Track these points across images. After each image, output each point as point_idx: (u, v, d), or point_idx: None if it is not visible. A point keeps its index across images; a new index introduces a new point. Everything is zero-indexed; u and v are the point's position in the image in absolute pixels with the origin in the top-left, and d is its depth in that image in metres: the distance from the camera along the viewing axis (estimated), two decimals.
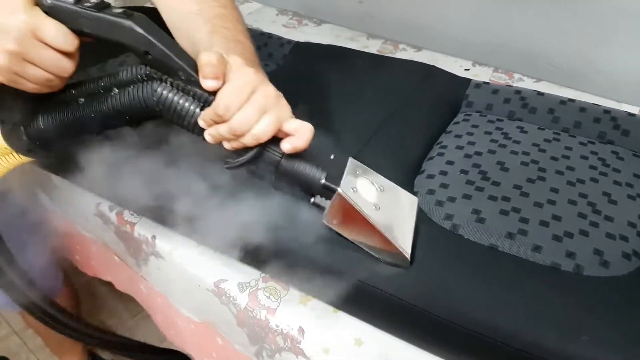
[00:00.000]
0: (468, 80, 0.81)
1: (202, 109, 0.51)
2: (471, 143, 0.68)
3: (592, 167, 0.64)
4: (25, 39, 0.45)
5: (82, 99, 0.53)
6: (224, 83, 0.49)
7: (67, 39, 0.47)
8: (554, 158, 0.65)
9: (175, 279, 0.72)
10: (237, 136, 0.50)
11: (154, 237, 0.72)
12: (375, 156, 0.67)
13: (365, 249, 0.55)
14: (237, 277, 0.64)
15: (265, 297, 0.62)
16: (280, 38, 1.00)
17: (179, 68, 0.50)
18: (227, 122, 0.49)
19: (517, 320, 0.47)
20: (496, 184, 0.61)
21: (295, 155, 0.52)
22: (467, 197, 0.59)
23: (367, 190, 0.54)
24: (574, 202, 0.59)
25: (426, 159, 0.68)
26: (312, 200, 0.54)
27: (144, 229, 0.73)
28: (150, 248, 0.73)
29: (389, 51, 1.10)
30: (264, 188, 0.57)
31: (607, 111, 0.72)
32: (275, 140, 0.51)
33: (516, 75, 1.00)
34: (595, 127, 0.71)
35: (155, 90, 0.51)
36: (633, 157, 0.67)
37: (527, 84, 0.97)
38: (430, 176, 0.63)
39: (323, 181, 0.52)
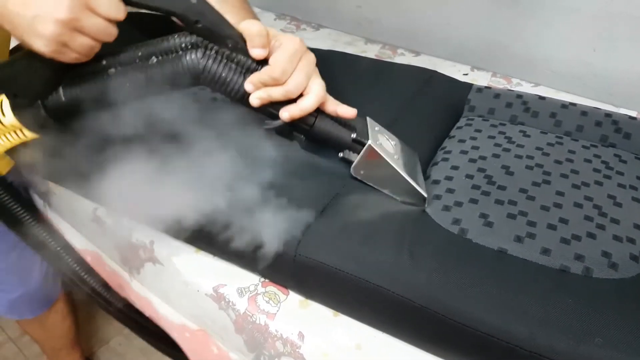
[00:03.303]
0: (469, 85, 0.82)
1: (244, 76, 0.54)
2: (475, 148, 0.68)
3: (596, 170, 0.65)
4: (77, 8, 0.45)
5: (113, 69, 0.53)
6: (269, 51, 0.54)
7: (118, 7, 0.48)
8: (557, 162, 0.66)
9: (173, 284, 0.71)
10: (290, 98, 0.55)
11: (152, 242, 0.72)
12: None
13: (387, 192, 0.62)
14: (237, 282, 0.64)
15: (264, 301, 0.62)
16: None
17: (228, 36, 0.53)
18: (283, 86, 0.53)
19: (529, 323, 0.47)
20: (502, 188, 0.61)
21: (326, 115, 0.59)
22: (473, 201, 0.59)
23: (386, 143, 0.62)
24: (579, 205, 0.59)
25: (430, 164, 0.68)
26: (341, 155, 0.61)
27: (141, 234, 0.73)
28: (147, 254, 0.73)
29: (387, 56, 1.10)
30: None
31: (608, 114, 0.72)
32: None
33: (514, 80, 1.01)
34: (597, 130, 0.71)
35: (201, 59, 0.53)
36: (635, 160, 0.68)
37: (525, 88, 0.98)
38: (436, 182, 0.63)
39: (354, 136, 0.59)
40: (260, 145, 0.65)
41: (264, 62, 0.54)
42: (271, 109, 0.56)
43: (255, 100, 0.54)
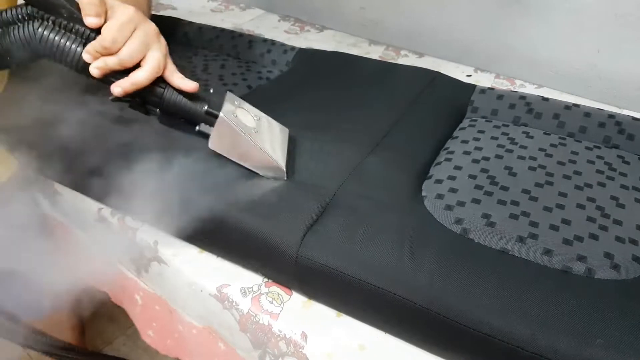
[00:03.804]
0: (473, 86, 0.82)
1: (84, 46, 0.53)
2: (478, 148, 0.68)
3: (599, 172, 0.65)
4: None
5: None
6: (105, 21, 0.54)
7: None
8: (560, 163, 0.66)
9: (178, 284, 0.71)
10: (126, 67, 0.54)
11: (156, 242, 0.72)
12: (382, 161, 0.67)
13: (247, 167, 0.63)
14: (240, 282, 0.64)
15: (268, 302, 0.62)
16: (283, 45, 1.01)
17: (61, 5, 0.53)
18: (116, 55, 0.53)
19: (531, 324, 0.47)
20: (505, 188, 0.61)
21: (177, 89, 0.58)
22: (476, 201, 0.59)
23: (245, 117, 0.62)
24: (582, 206, 0.59)
25: (433, 164, 0.68)
26: (198, 128, 0.60)
27: (146, 234, 0.73)
28: (152, 253, 0.73)
29: (391, 57, 1.10)
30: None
31: (611, 116, 0.72)
32: None
33: (518, 82, 1.01)
34: (600, 131, 0.71)
35: (37, 29, 0.52)
36: (638, 161, 0.67)
37: (529, 90, 0.98)
38: (439, 181, 0.64)
39: (206, 108, 0.58)
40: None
41: (100, 31, 0.54)
42: (114, 80, 0.55)
43: (94, 70, 0.54)
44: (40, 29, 0.53)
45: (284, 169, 0.62)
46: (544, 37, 0.98)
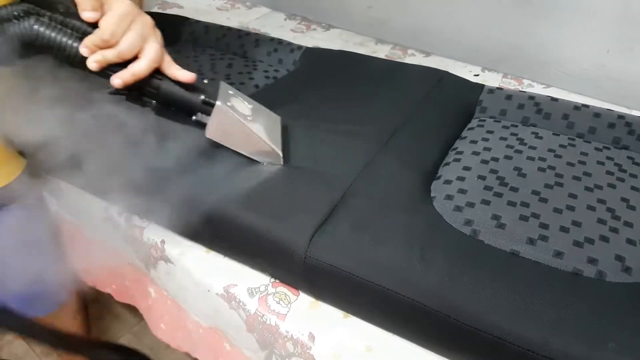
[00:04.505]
0: (481, 86, 0.81)
1: (81, 41, 0.54)
2: (487, 149, 0.68)
3: (609, 173, 0.64)
4: None
5: None
6: (101, 15, 0.54)
7: None
8: (570, 164, 0.65)
9: (185, 283, 0.71)
10: (125, 60, 0.55)
11: (162, 241, 0.72)
12: (391, 161, 0.67)
13: (244, 153, 0.64)
14: (247, 282, 0.64)
15: (275, 302, 0.61)
16: (290, 43, 1.00)
17: (58, 1, 0.53)
18: (115, 47, 0.54)
19: (542, 327, 0.46)
20: (514, 189, 0.61)
21: (173, 80, 0.59)
22: (486, 202, 0.59)
23: (239, 105, 0.63)
24: (592, 208, 0.59)
25: (442, 164, 0.68)
26: (194, 118, 0.61)
27: (152, 233, 0.73)
28: (159, 253, 0.73)
29: (398, 56, 1.10)
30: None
31: (621, 116, 0.72)
32: None
33: (525, 81, 1.00)
34: (610, 132, 0.71)
35: (34, 25, 0.53)
36: None
37: (537, 90, 0.97)
38: (448, 182, 0.63)
39: (202, 97, 0.59)
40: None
41: (97, 26, 0.55)
42: (111, 73, 0.56)
43: (92, 64, 0.54)
44: (36, 26, 0.53)
45: (280, 154, 0.63)
46: (552, 37, 0.98)
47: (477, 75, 1.02)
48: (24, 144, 0.66)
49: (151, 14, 0.70)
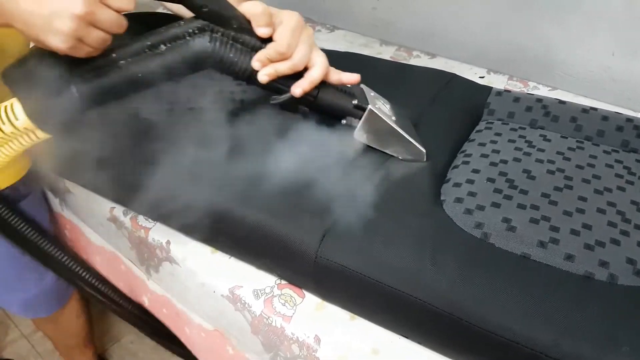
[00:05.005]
0: (489, 88, 0.81)
1: (251, 56, 0.56)
2: (496, 151, 0.68)
3: (618, 176, 0.64)
4: (92, 2, 0.46)
5: (123, 61, 0.54)
6: (273, 29, 0.56)
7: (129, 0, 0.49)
8: (579, 166, 0.65)
9: (189, 285, 0.71)
10: (297, 71, 0.57)
11: (168, 242, 0.72)
12: (400, 163, 0.67)
13: (389, 152, 0.67)
14: (252, 283, 0.64)
15: (280, 304, 0.61)
16: None
17: (233, 17, 0.55)
18: (290, 60, 0.56)
19: (554, 330, 0.47)
20: (524, 192, 0.61)
21: (328, 85, 0.62)
22: (496, 205, 0.59)
23: (382, 107, 0.66)
24: (603, 211, 0.59)
25: (451, 167, 0.68)
26: (344, 121, 0.64)
27: (158, 234, 0.73)
28: (164, 253, 0.73)
29: (403, 58, 1.10)
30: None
31: (629, 119, 0.72)
32: None
33: (531, 84, 1.00)
34: (618, 135, 0.71)
35: (209, 41, 0.54)
36: None
37: (542, 92, 0.97)
38: (457, 184, 0.63)
39: (355, 102, 0.62)
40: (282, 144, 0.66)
41: (267, 40, 0.56)
42: (278, 84, 0.58)
43: (263, 76, 0.56)
44: (211, 42, 0.55)
45: (423, 151, 0.66)
46: (558, 39, 0.98)
47: (483, 77, 1.02)
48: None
49: (157, 14, 0.71)
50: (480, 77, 1.02)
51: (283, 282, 0.64)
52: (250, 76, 0.57)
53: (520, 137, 0.71)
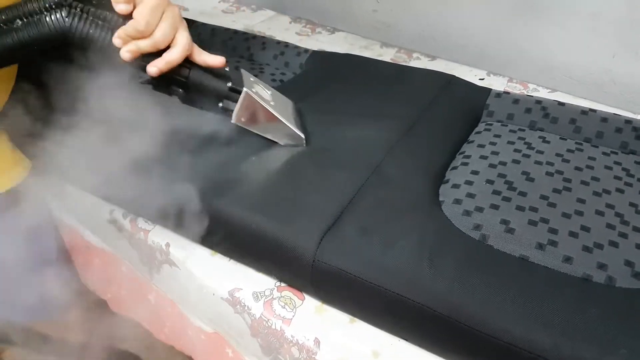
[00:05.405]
0: (488, 90, 0.81)
1: (112, 33, 0.55)
2: (495, 153, 0.68)
3: (617, 178, 0.64)
4: None
5: None
6: (134, 6, 0.55)
7: None
8: (578, 168, 0.65)
9: (189, 287, 0.71)
10: (159, 49, 0.56)
11: (167, 244, 0.72)
12: (399, 164, 0.67)
13: (268, 137, 0.67)
14: (252, 286, 0.64)
15: (280, 306, 0.61)
16: (296, 47, 1.00)
17: None
18: (150, 37, 0.55)
19: (552, 332, 0.46)
20: (523, 194, 0.61)
21: (200, 67, 0.61)
22: (494, 207, 0.59)
23: (261, 91, 0.66)
24: (601, 213, 0.59)
25: (450, 168, 0.68)
26: (221, 105, 0.63)
27: (157, 236, 0.73)
28: (163, 256, 0.73)
29: (403, 60, 1.10)
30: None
31: (628, 121, 0.72)
32: None
33: (531, 86, 1.00)
34: (617, 137, 0.71)
35: (67, 17, 0.53)
36: None
37: (542, 94, 0.97)
38: (456, 186, 0.63)
39: (230, 84, 0.62)
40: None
41: (129, 17, 0.56)
42: (143, 62, 0.57)
43: (125, 54, 0.55)
44: (68, 18, 0.53)
45: (303, 136, 0.67)
46: (558, 42, 0.98)
47: (483, 79, 1.02)
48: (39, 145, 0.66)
49: None
50: (480, 79, 1.02)
51: (283, 284, 0.64)
52: (114, 53, 0.56)
53: (520, 138, 0.71)
